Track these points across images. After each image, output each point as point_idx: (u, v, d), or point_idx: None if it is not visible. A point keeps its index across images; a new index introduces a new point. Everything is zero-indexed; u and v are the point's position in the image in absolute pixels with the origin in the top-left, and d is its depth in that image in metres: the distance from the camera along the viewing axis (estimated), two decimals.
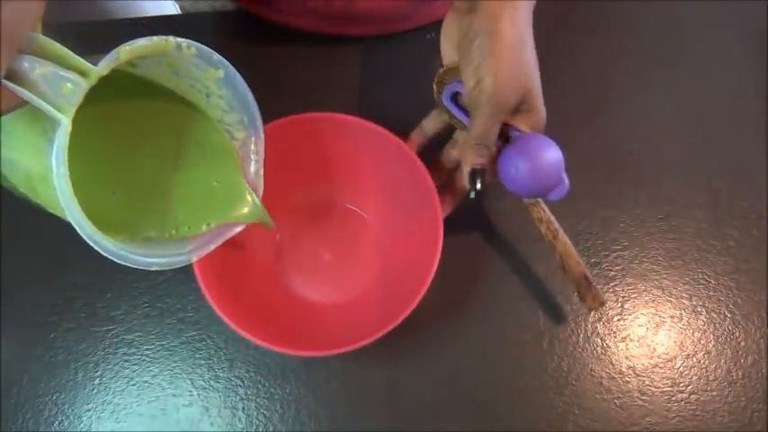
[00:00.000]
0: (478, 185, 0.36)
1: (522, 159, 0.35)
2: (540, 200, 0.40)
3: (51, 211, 0.33)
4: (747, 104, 0.51)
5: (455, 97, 0.39)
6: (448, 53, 0.38)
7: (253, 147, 0.37)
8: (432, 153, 0.42)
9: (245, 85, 0.34)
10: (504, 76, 0.33)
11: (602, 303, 0.40)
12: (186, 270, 0.37)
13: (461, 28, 0.35)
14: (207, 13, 0.56)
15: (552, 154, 0.35)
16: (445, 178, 0.42)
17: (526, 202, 0.40)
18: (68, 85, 0.25)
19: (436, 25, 0.51)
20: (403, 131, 0.41)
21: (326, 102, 0.46)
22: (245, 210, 0.38)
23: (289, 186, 0.45)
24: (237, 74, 0.34)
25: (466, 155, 0.37)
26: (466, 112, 0.38)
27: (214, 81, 0.34)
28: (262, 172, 0.38)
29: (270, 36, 0.51)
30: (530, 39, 0.34)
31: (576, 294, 0.41)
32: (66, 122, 0.25)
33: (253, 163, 0.38)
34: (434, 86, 0.39)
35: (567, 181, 0.36)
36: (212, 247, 0.36)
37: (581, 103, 0.49)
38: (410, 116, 0.42)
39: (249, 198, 0.37)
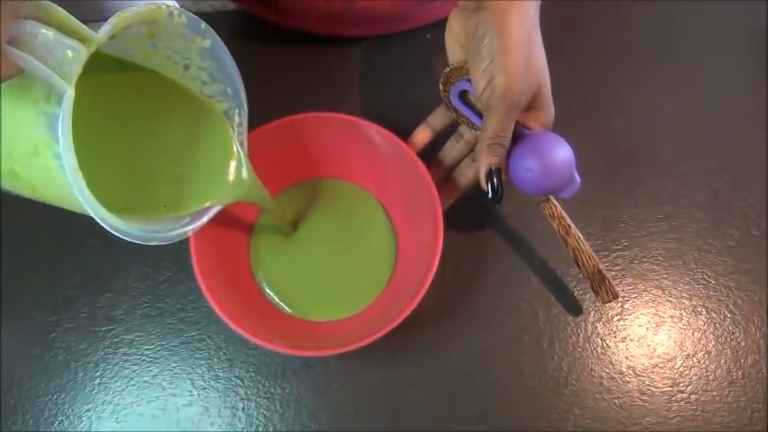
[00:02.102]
0: (497, 186, 0.36)
1: (533, 159, 0.35)
2: (551, 197, 0.40)
3: (29, 193, 0.31)
4: (747, 104, 0.51)
5: (462, 95, 0.39)
6: (454, 52, 0.38)
7: (237, 119, 0.37)
8: (431, 149, 0.42)
9: (230, 55, 0.34)
10: (515, 73, 0.33)
11: (617, 296, 0.40)
12: (186, 270, 0.37)
13: (468, 27, 0.35)
14: (207, 12, 0.56)
15: (563, 152, 0.35)
16: (442, 174, 0.42)
17: (537, 199, 0.40)
18: (69, 52, 0.24)
19: (435, 26, 0.51)
20: (403, 131, 0.41)
21: (326, 102, 0.46)
22: (240, 182, 0.37)
23: (287, 186, 0.45)
24: (223, 44, 0.33)
25: (481, 155, 0.36)
26: (474, 110, 0.38)
27: (198, 51, 0.33)
28: (246, 144, 0.37)
29: (270, 36, 0.51)
30: (538, 36, 0.34)
31: (590, 289, 0.41)
32: (70, 91, 0.24)
33: (236, 135, 0.37)
34: (441, 86, 0.39)
35: (578, 178, 0.36)
36: (205, 220, 0.35)
37: (580, 103, 0.49)
38: (410, 116, 0.42)
39: (243, 170, 0.37)
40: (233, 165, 0.37)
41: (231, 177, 0.37)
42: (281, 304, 0.42)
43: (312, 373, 0.41)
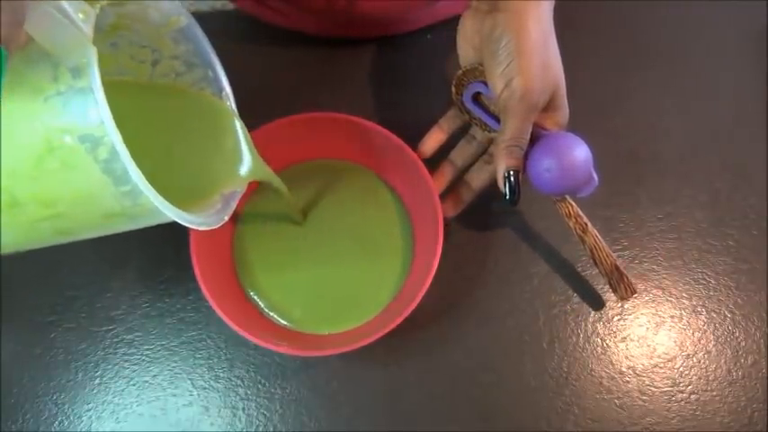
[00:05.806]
0: (515, 187, 0.36)
1: (552, 159, 0.35)
2: (567, 196, 0.40)
3: (40, 211, 0.28)
4: (747, 104, 0.51)
5: (475, 98, 0.38)
6: (466, 54, 0.38)
7: (226, 102, 0.35)
8: (443, 152, 0.42)
9: (206, 36, 0.32)
10: (534, 75, 0.33)
11: (635, 292, 0.40)
12: (186, 270, 0.37)
13: (483, 29, 0.35)
14: (207, 12, 0.56)
15: (582, 152, 0.35)
16: (454, 177, 0.42)
17: (553, 198, 0.40)
18: (80, 14, 0.23)
19: (436, 26, 0.51)
20: (403, 132, 0.41)
21: (326, 102, 0.46)
22: (246, 160, 0.35)
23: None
24: (197, 23, 0.31)
25: (499, 157, 0.36)
26: (488, 112, 0.38)
27: (171, 35, 0.31)
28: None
29: (270, 36, 0.51)
30: (553, 36, 0.34)
31: (607, 286, 0.41)
32: (93, 48, 0.23)
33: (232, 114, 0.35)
34: (453, 88, 0.38)
35: (596, 177, 0.36)
36: (233, 204, 0.34)
37: (580, 104, 0.49)
38: (411, 116, 0.42)
39: (245, 148, 0.35)
40: (233, 142, 0.35)
41: (238, 156, 0.35)
42: (281, 321, 0.41)
43: (312, 373, 0.41)
